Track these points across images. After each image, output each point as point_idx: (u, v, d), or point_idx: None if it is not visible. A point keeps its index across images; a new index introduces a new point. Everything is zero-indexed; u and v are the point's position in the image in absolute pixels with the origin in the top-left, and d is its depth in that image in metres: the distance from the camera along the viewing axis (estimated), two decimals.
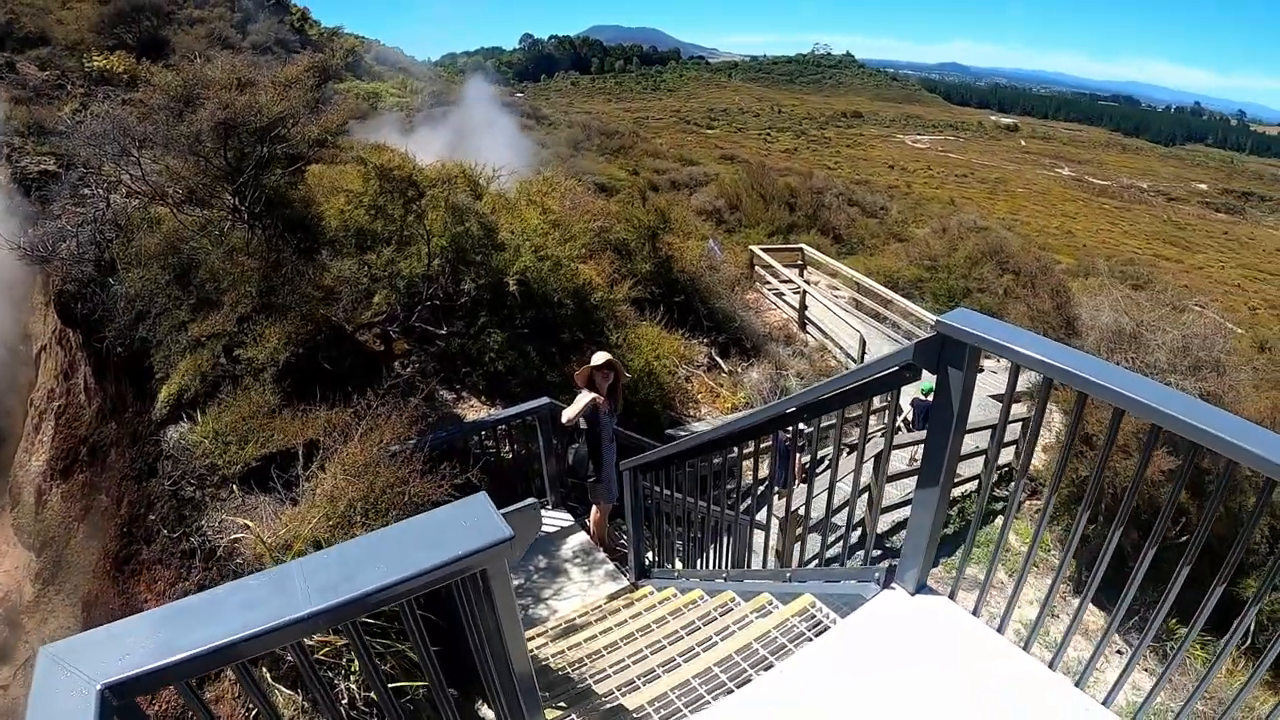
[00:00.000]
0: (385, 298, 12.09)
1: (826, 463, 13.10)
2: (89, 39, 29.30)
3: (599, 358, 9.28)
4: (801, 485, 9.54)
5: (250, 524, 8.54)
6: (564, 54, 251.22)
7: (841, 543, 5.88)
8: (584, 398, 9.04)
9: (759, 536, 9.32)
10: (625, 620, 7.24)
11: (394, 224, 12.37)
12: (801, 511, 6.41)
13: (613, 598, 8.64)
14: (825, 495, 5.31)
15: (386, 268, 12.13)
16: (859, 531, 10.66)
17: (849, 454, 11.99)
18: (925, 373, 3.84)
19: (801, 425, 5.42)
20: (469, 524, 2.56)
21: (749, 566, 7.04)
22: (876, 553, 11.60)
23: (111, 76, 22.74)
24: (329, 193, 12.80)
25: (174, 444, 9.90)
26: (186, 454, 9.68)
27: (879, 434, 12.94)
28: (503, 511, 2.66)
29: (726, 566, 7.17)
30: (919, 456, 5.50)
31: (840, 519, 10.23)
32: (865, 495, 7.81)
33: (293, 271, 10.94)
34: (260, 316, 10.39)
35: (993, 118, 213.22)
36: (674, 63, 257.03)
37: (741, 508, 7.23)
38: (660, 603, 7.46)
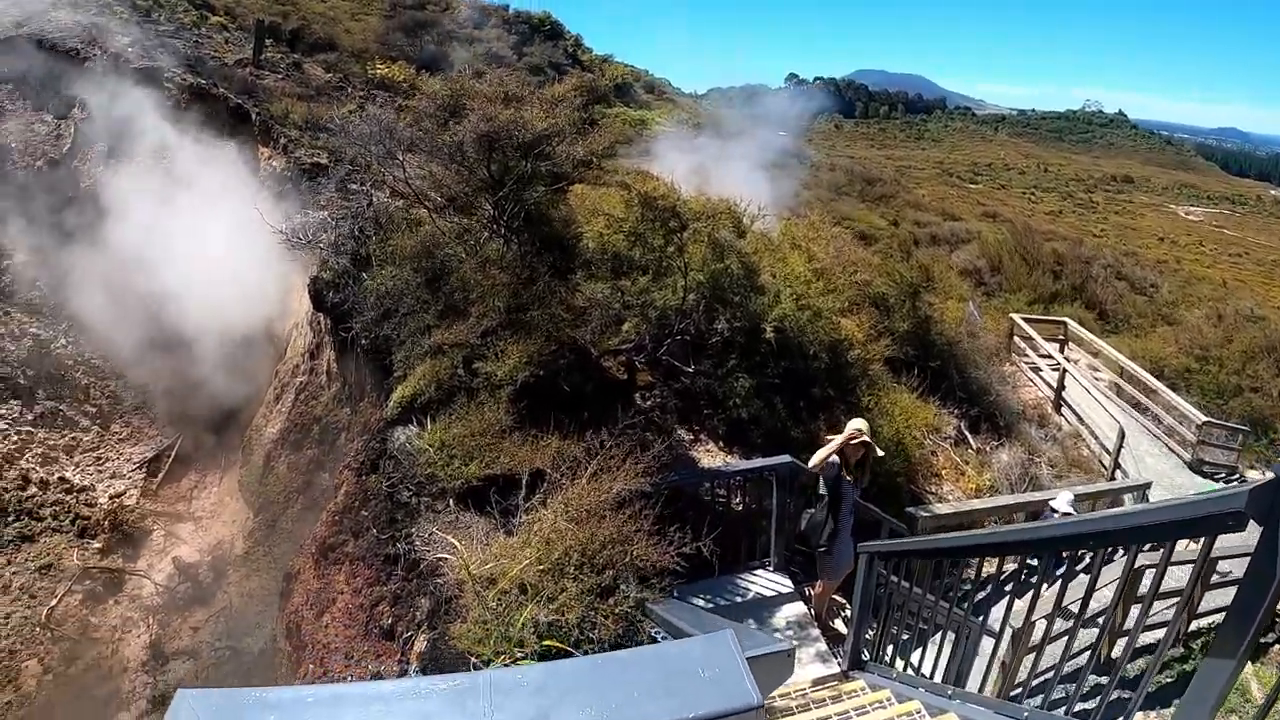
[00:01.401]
0: (635, 326, 12.01)
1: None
2: (373, 48, 31.69)
3: (856, 425, 8.83)
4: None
5: (459, 545, 8.61)
6: (828, 96, 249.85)
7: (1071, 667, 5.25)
8: (834, 442, 8.73)
9: (986, 642, 8.58)
10: (831, 717, 6.72)
11: (652, 253, 12.32)
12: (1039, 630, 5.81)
13: (819, 683, 8.12)
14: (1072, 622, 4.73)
15: (640, 296, 12.07)
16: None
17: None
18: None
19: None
20: (711, 675, 2.22)
21: (969, 675, 6.45)
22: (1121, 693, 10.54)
23: (391, 84, 24.30)
24: (589, 214, 12.94)
25: (399, 446, 10.18)
26: (410, 458, 9.92)
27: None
28: (751, 654, 2.27)
29: (951, 679, 6.57)
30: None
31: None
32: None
33: (544, 290, 11.05)
34: (505, 332, 10.53)
35: (1273, 192, 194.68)
36: (939, 112, 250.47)
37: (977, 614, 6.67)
38: (873, 705, 6.87)
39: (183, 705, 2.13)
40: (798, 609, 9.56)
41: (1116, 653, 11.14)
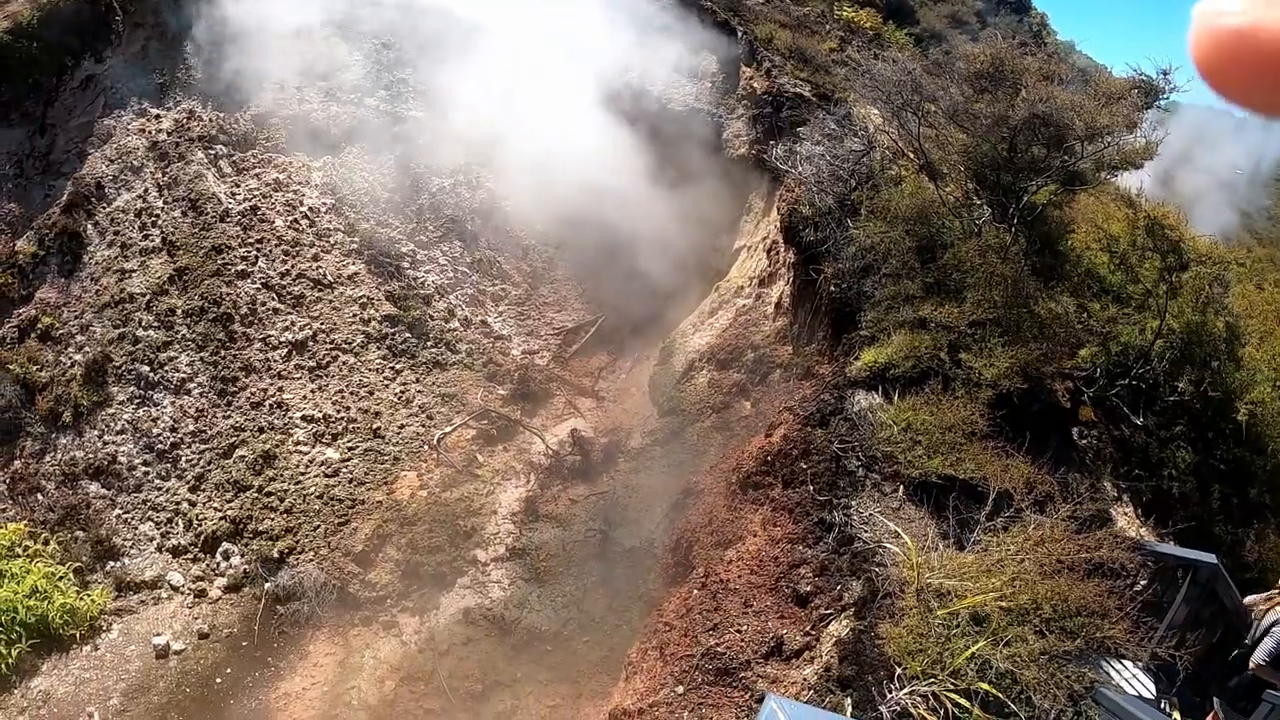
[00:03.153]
0: (1091, 355, 11.24)
1: None
2: None
3: None
4: None
5: (906, 538, 8.49)
6: None
7: None
8: None
9: None
10: None
11: (1135, 284, 11.41)
12: None
13: None
14: None
15: (1105, 324, 11.25)
16: None
17: None
18: None
19: None
20: None
21: None
22: None
23: (856, 28, 23.73)
24: (1084, 223, 12.14)
25: (858, 410, 10.16)
26: (868, 428, 9.86)
27: None
28: None
29: None
30: None
31: None
32: None
33: (1033, 295, 10.52)
34: (993, 329, 10.11)
35: None
36: None
37: None
38: None
39: (772, 707, 2.34)
40: None
41: None
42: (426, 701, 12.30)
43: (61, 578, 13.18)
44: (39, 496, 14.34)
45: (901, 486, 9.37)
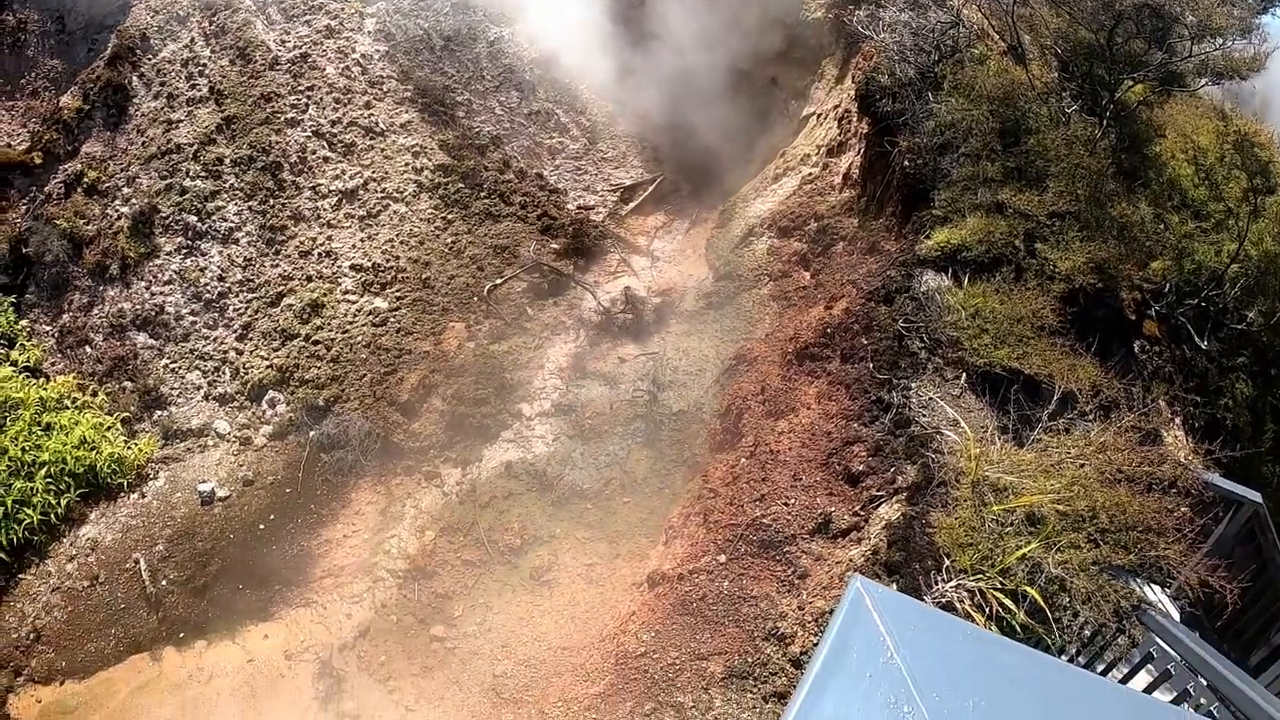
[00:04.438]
0: (1163, 269, 10.77)
1: None
2: None
3: None
4: None
5: (965, 427, 8.34)
6: None
7: None
8: None
9: None
10: None
11: (1218, 202, 10.88)
12: None
13: None
14: None
15: (1182, 240, 10.77)
16: None
17: None
18: None
19: None
20: None
21: None
22: None
23: None
24: (1171, 130, 11.59)
25: (926, 291, 9.91)
26: (934, 309, 9.62)
27: None
28: None
29: None
30: None
31: None
32: None
33: (1114, 195, 10.09)
34: (1072, 222, 9.72)
35: None
36: None
37: None
38: None
39: (857, 588, 2.56)
40: None
41: None
42: (465, 553, 12.57)
43: (109, 428, 13.59)
44: (87, 349, 14.66)
45: (964, 374, 9.17)
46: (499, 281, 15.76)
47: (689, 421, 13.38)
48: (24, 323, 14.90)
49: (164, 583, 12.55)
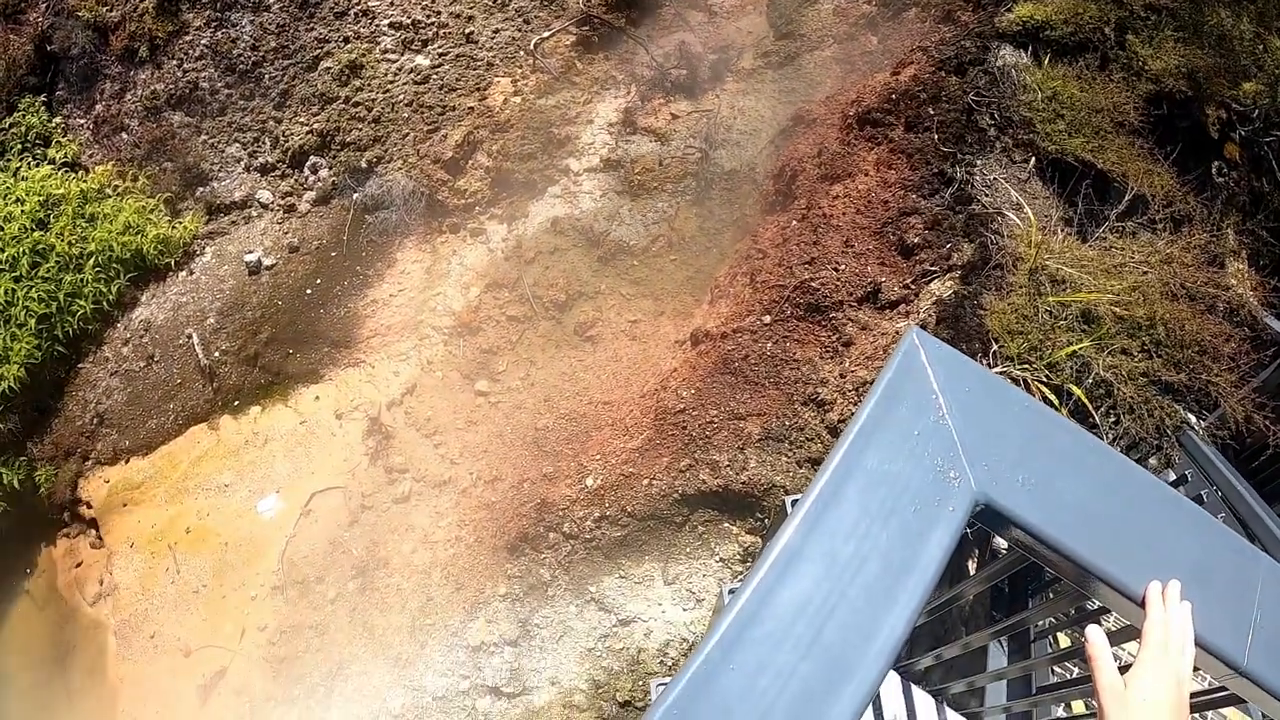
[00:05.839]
0: (1255, 92, 10.00)
1: None
2: None
3: None
4: None
5: (1029, 212, 8.15)
6: None
7: None
8: None
9: None
10: None
11: None
12: None
13: None
14: None
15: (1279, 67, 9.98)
16: None
17: None
18: None
19: None
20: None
21: None
22: None
23: None
24: None
25: (1002, 66, 9.40)
26: (1009, 85, 9.21)
27: None
28: None
29: None
30: None
31: None
32: None
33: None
34: (1169, 20, 9.16)
35: None
36: None
37: None
38: None
39: (913, 340, 2.49)
40: None
41: None
42: (510, 309, 12.67)
43: (153, 210, 13.59)
44: (123, 135, 14.39)
45: (1034, 158, 8.81)
46: (546, 35, 15.12)
47: (740, 181, 13.10)
48: (57, 120, 14.60)
49: (216, 354, 12.93)
